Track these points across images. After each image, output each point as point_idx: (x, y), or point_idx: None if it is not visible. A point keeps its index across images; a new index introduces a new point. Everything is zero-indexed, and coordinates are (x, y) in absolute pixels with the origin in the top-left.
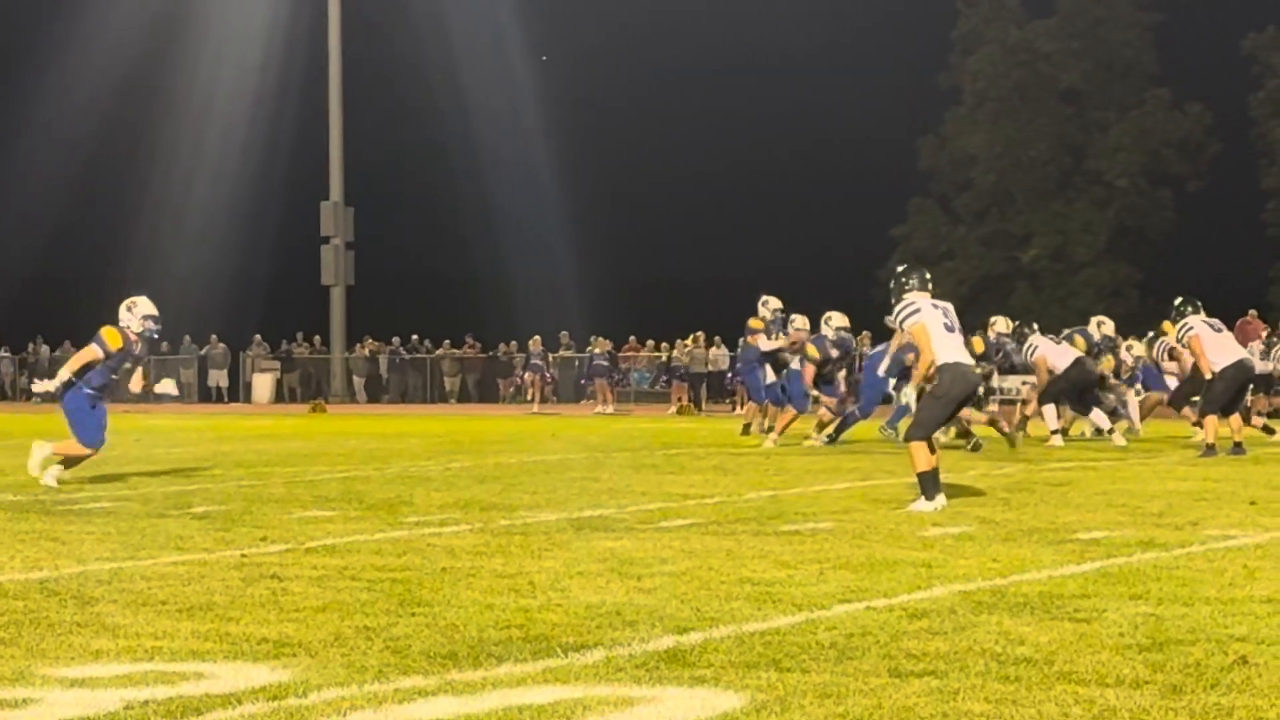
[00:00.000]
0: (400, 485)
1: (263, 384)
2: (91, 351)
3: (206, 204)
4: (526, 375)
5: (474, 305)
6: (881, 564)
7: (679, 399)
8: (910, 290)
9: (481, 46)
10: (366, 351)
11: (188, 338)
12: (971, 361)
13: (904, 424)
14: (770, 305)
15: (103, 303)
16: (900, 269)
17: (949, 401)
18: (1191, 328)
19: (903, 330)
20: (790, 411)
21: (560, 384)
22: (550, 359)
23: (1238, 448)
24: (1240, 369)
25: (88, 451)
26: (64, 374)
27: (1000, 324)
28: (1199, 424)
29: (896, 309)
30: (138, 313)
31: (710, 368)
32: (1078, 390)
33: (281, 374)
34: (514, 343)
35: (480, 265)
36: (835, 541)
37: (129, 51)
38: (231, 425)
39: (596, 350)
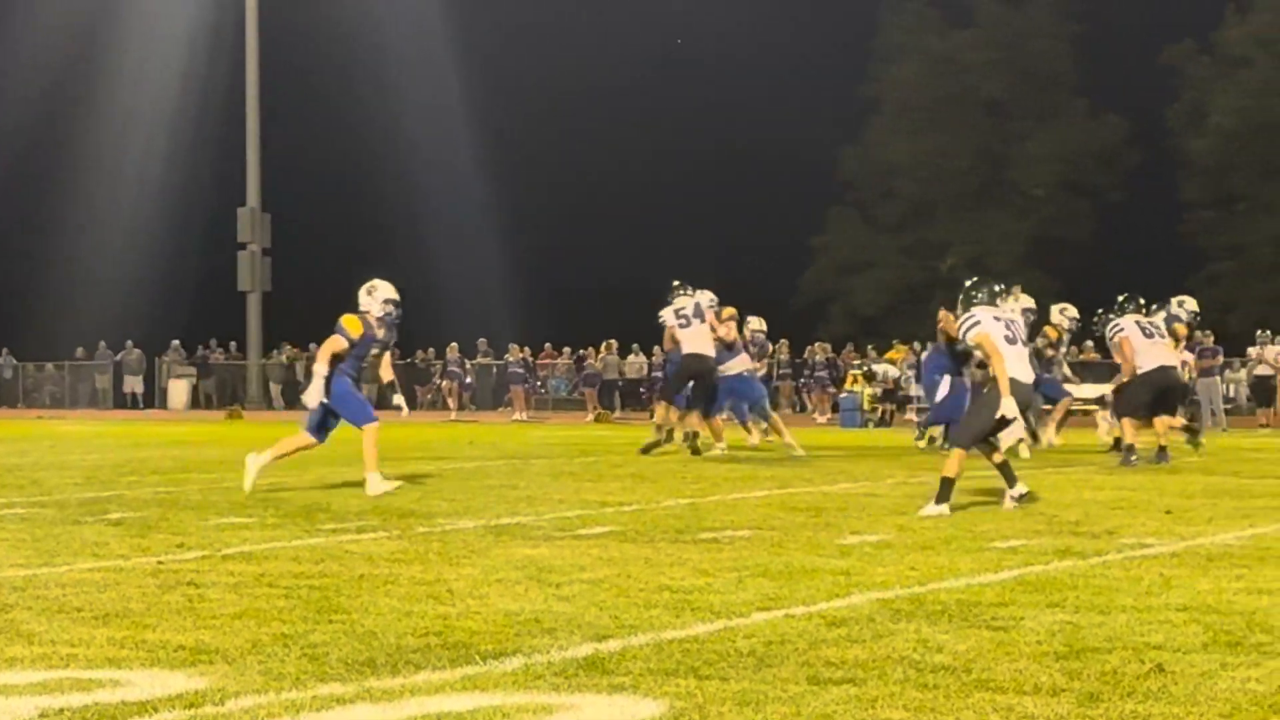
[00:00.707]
0: (317, 492)
1: (179, 390)
2: (336, 342)
3: (126, 211)
4: (444, 383)
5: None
6: (800, 572)
7: (594, 407)
8: (977, 304)
9: (405, 52)
10: (284, 358)
11: (103, 344)
12: (1031, 376)
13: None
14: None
15: (18, 308)
16: (970, 282)
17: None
18: (1122, 329)
19: (965, 342)
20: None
21: (478, 391)
22: (468, 366)
23: (1161, 453)
24: (1163, 374)
25: (311, 440)
26: (319, 370)
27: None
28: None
29: (960, 321)
30: (377, 296)
31: (625, 375)
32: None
33: (198, 380)
34: (431, 350)
35: (401, 272)
36: (754, 549)
37: (50, 58)
38: (147, 432)
39: (512, 358)
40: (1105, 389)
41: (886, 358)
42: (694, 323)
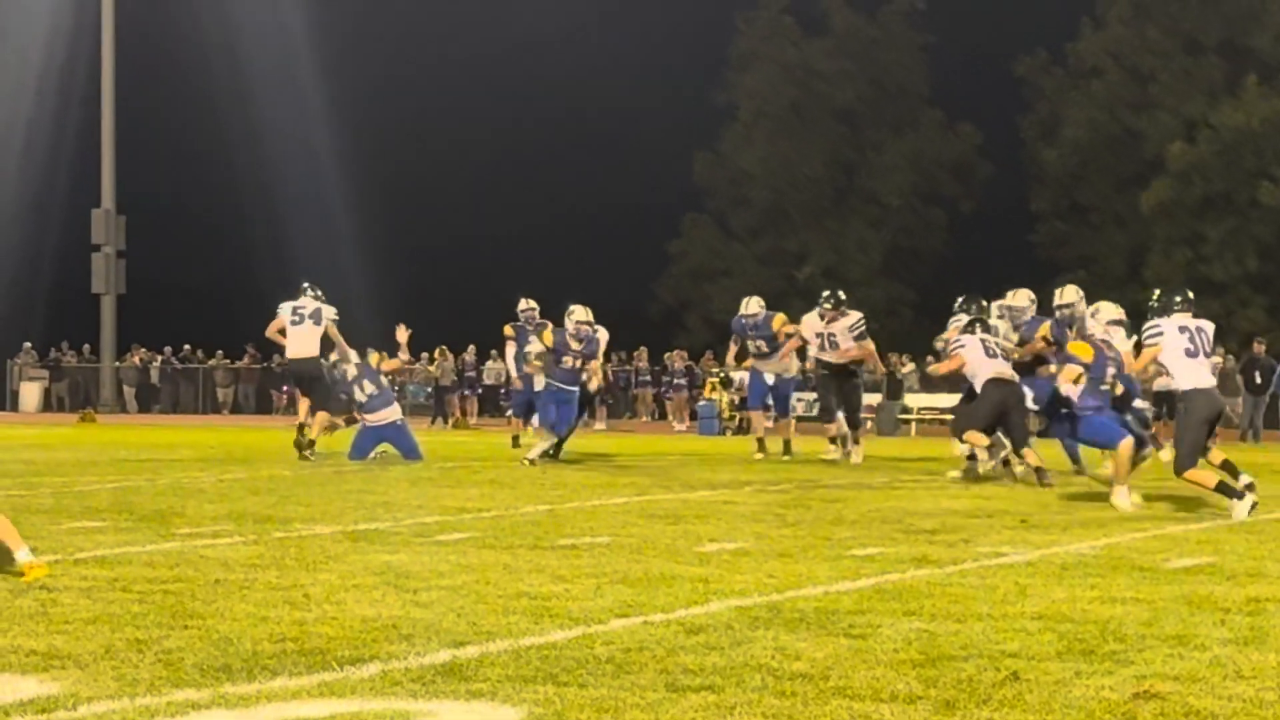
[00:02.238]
0: (172, 496)
1: (30, 393)
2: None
3: None
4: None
5: (253, 316)
6: (659, 579)
7: (454, 413)
8: (1156, 313)
9: (261, 50)
10: (137, 360)
11: None
12: (1213, 383)
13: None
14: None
15: None
16: (1161, 291)
17: (1200, 423)
18: (963, 345)
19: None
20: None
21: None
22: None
23: (1041, 473)
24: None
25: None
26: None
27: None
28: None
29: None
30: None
31: (483, 381)
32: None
33: (50, 383)
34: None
35: (260, 276)
36: (612, 556)
37: None
38: None
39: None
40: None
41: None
42: (306, 323)
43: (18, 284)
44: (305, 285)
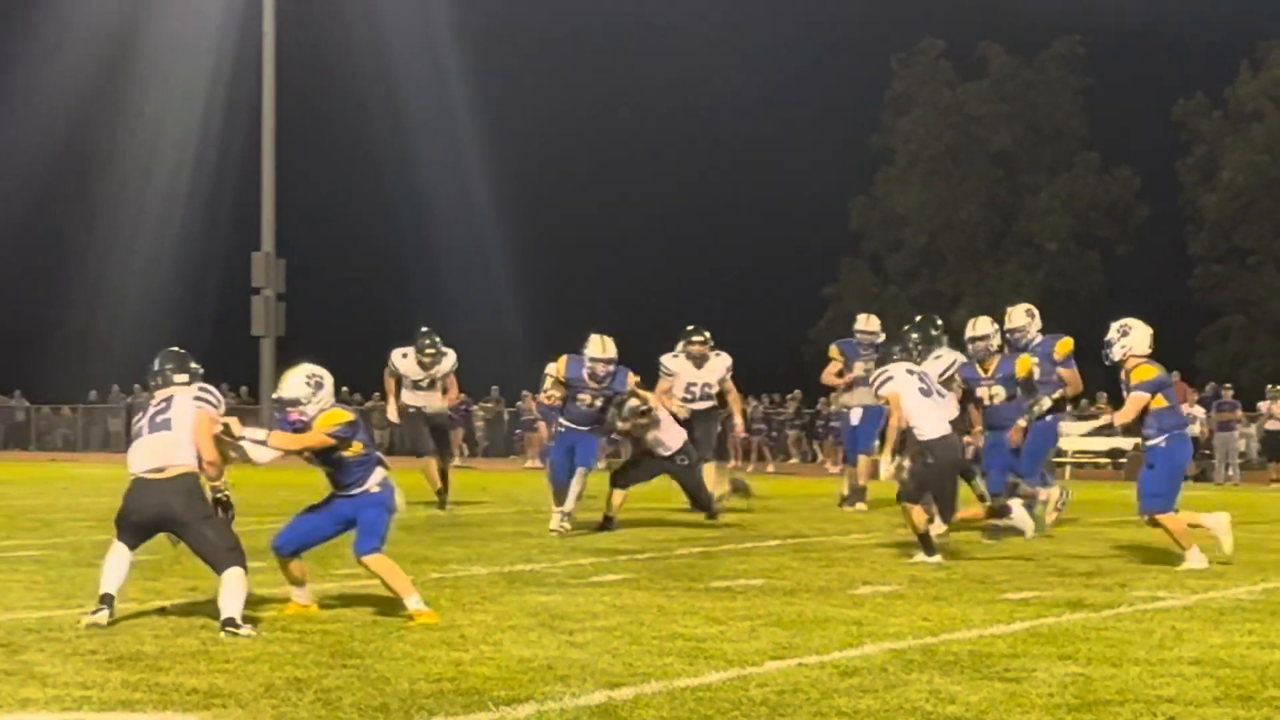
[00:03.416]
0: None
1: None
2: None
3: (141, 255)
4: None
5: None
6: (813, 621)
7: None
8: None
9: (421, 96)
10: None
11: (116, 387)
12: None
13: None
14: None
15: (32, 351)
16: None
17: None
18: (891, 377)
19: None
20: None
21: (493, 438)
22: (480, 409)
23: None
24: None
25: None
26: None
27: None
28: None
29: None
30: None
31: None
32: None
33: None
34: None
35: (415, 318)
36: (767, 598)
37: (67, 105)
38: None
39: (526, 405)
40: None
41: None
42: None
43: (178, 326)
44: (425, 334)
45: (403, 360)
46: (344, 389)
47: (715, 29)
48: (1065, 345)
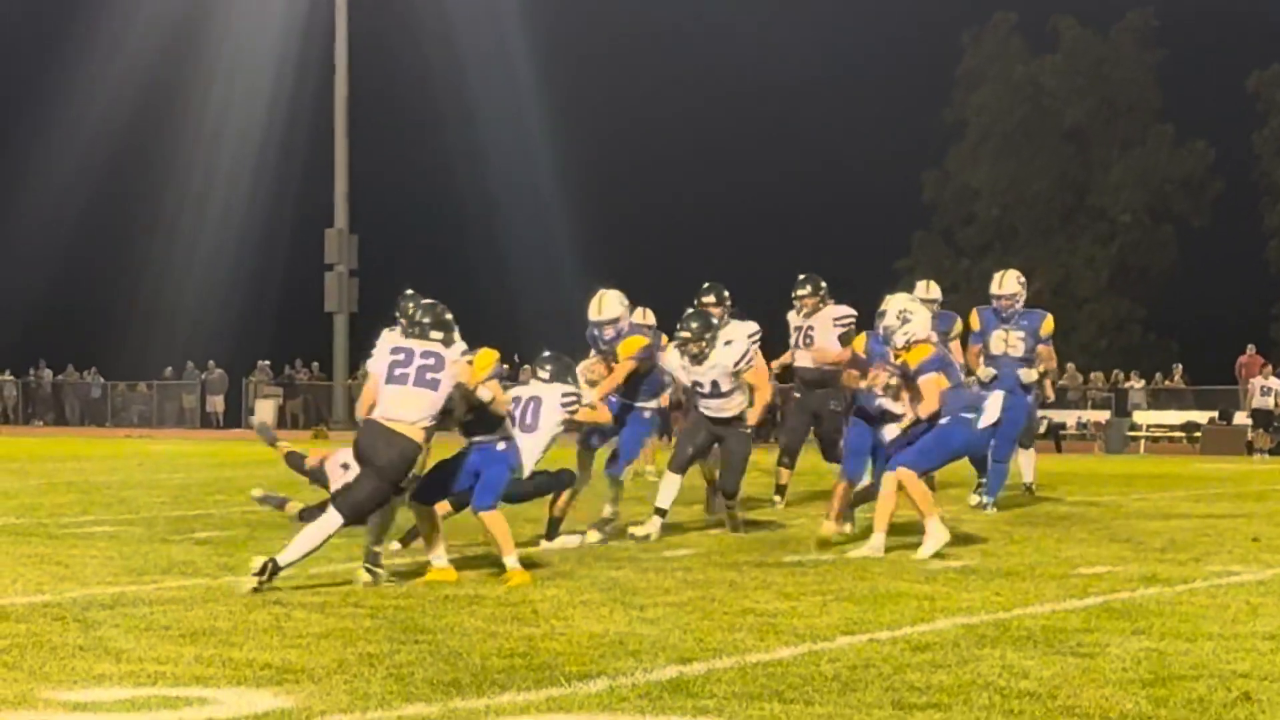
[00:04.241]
0: (403, 511)
1: (265, 410)
2: None
3: (213, 232)
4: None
5: (480, 333)
6: (884, 596)
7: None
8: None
9: (490, 73)
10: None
11: (190, 363)
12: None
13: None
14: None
15: (107, 328)
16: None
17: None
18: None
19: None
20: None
21: None
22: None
23: None
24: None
25: None
26: None
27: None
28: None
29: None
30: None
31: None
32: None
33: (284, 400)
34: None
35: (483, 293)
36: (838, 573)
37: (139, 80)
38: (234, 451)
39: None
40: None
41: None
42: None
43: (250, 303)
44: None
45: None
46: None
47: (786, 7)
48: (1050, 324)
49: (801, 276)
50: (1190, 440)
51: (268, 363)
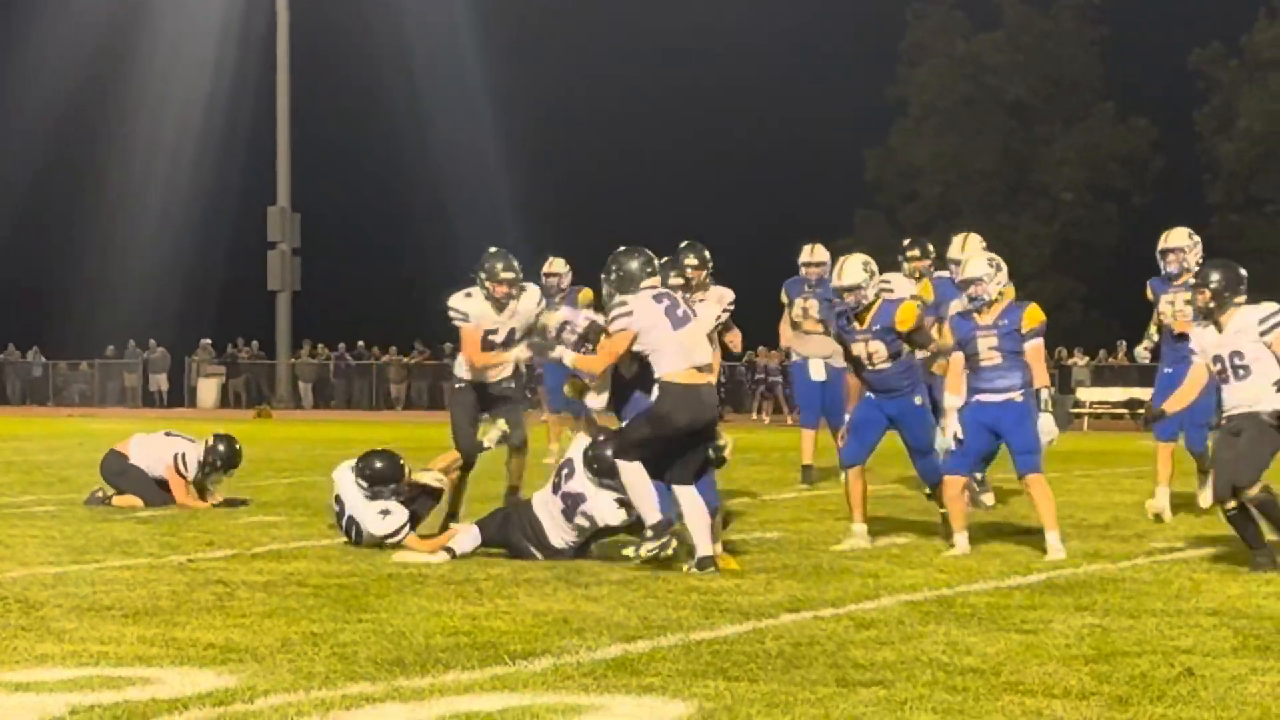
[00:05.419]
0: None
1: (208, 389)
2: None
3: (155, 211)
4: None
5: (422, 311)
6: (828, 573)
7: None
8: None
9: (434, 48)
10: (310, 356)
11: (132, 342)
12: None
13: None
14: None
15: (49, 306)
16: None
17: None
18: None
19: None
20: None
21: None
22: None
23: None
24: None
25: None
26: None
27: None
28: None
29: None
30: None
31: None
32: None
33: (226, 379)
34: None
35: (428, 272)
36: (783, 551)
37: (81, 57)
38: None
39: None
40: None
41: None
42: None
43: (193, 282)
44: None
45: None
46: (360, 343)
47: None
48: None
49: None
50: (1134, 417)
51: (209, 341)
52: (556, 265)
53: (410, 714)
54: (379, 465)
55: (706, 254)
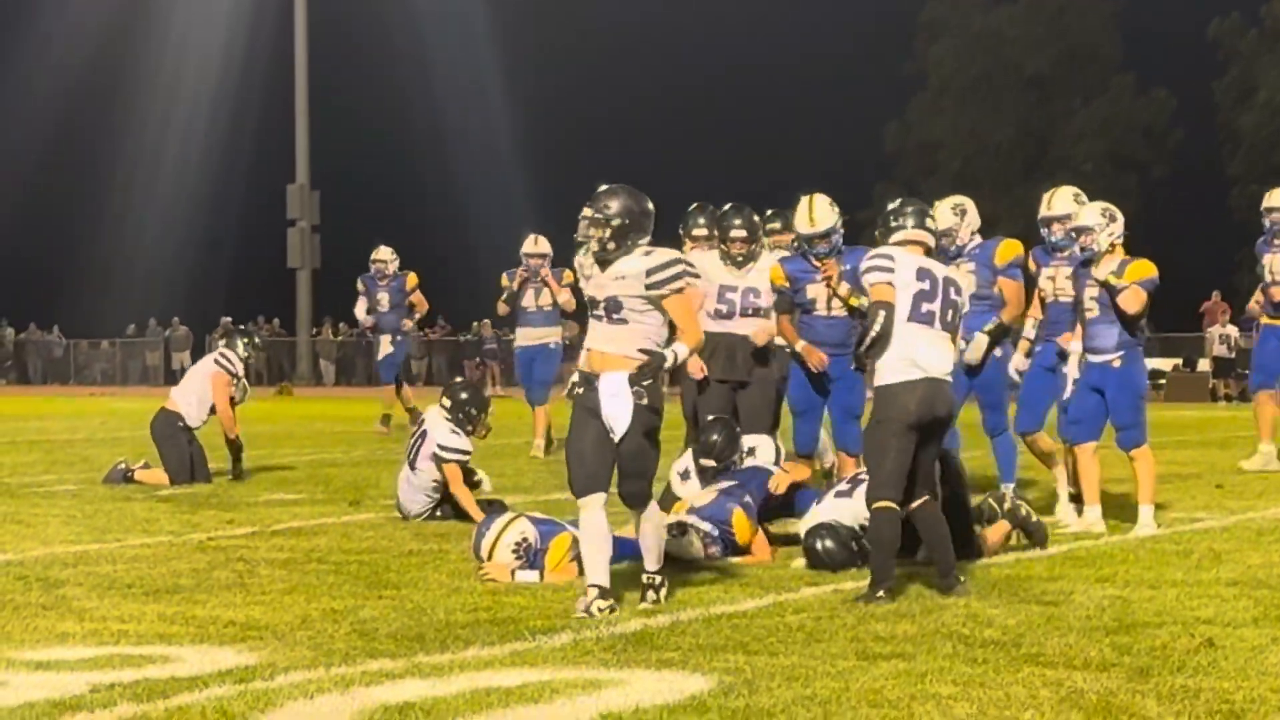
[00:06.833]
0: (367, 468)
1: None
2: None
3: (175, 189)
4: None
5: (442, 288)
6: None
7: None
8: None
9: (447, 26)
10: (333, 335)
11: (153, 320)
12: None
13: None
14: None
15: (69, 286)
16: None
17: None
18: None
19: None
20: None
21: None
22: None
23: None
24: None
25: None
26: None
27: None
28: None
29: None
30: None
31: None
32: None
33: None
34: (487, 322)
35: (444, 248)
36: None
37: (94, 35)
38: None
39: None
40: None
41: None
42: None
43: (213, 260)
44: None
45: None
46: None
47: None
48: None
49: None
50: (1154, 387)
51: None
52: (542, 245)
53: (430, 690)
54: (464, 395)
55: (756, 218)
